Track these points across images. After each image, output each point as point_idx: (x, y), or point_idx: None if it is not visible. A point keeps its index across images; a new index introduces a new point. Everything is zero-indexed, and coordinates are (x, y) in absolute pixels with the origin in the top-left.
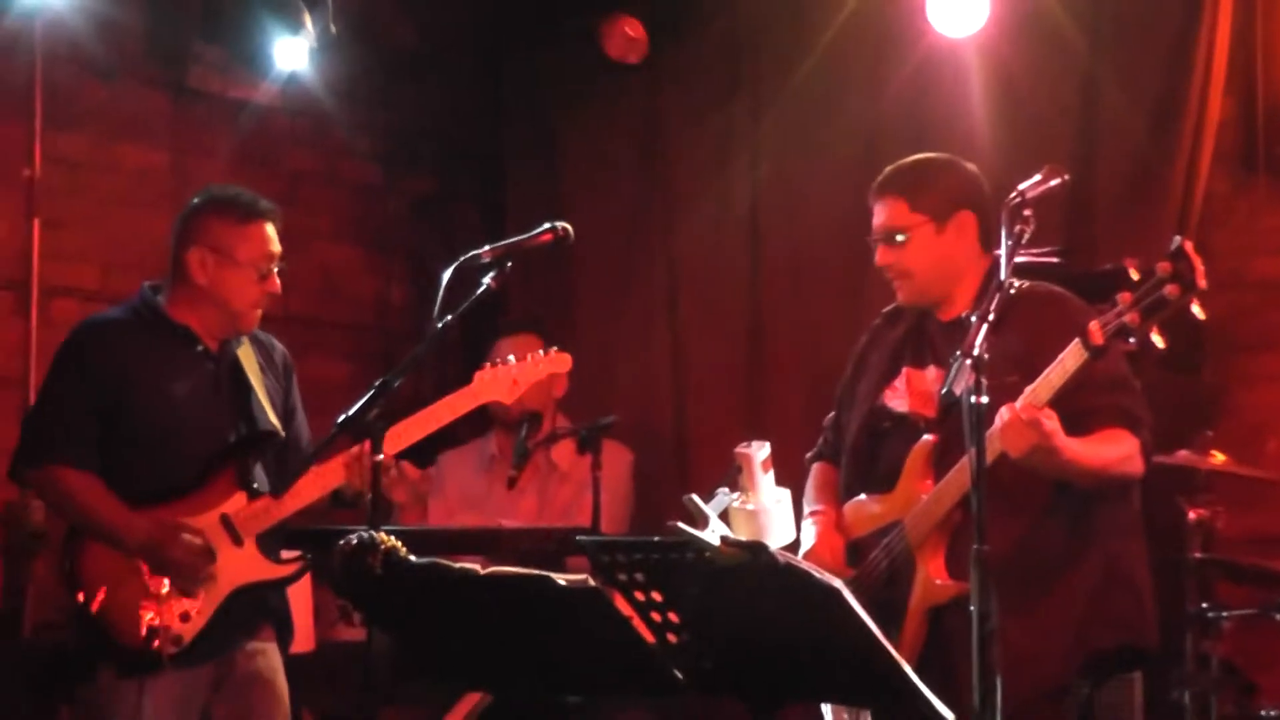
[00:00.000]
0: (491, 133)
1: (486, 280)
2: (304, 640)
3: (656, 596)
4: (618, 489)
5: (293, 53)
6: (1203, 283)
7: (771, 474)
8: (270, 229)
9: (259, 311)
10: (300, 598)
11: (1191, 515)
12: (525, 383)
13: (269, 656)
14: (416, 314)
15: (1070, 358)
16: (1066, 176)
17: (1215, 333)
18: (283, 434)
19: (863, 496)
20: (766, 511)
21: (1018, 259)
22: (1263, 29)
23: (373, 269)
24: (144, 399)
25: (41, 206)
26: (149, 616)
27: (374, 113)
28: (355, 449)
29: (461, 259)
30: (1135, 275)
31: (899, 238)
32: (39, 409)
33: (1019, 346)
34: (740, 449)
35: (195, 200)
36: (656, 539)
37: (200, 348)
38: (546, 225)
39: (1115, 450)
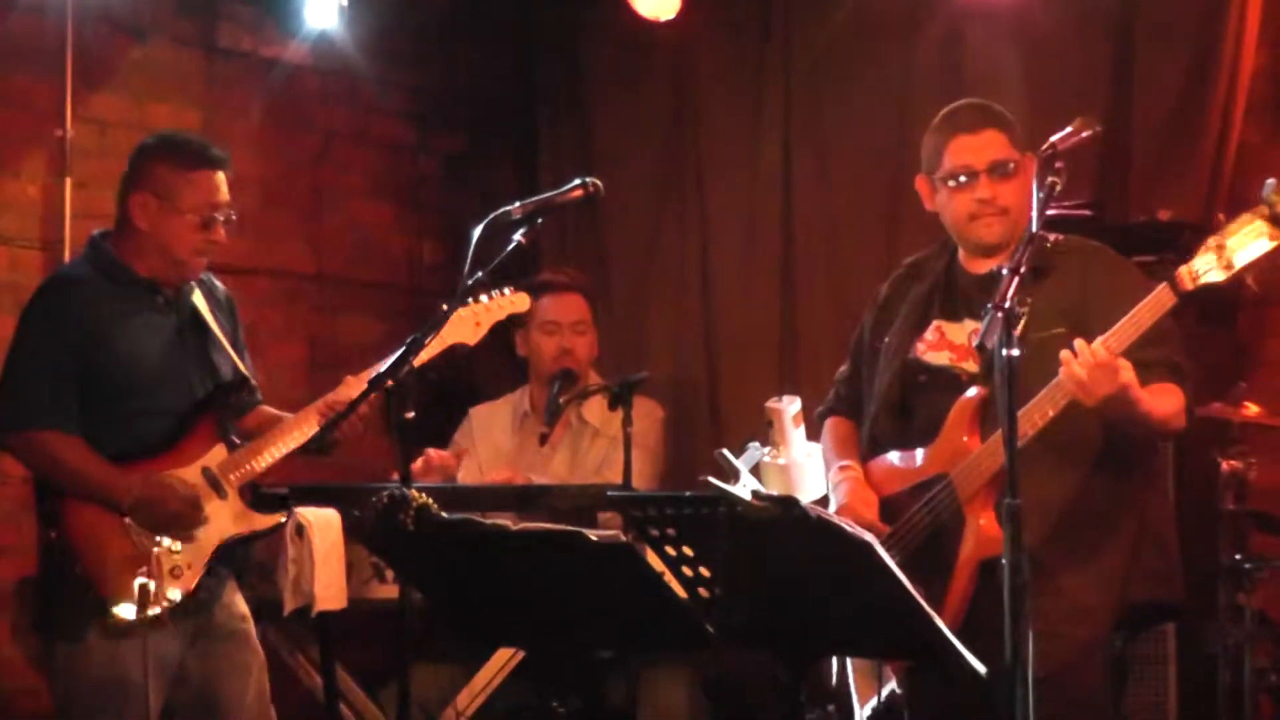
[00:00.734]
0: (523, 90)
1: (517, 236)
2: (337, 598)
3: (688, 551)
4: (649, 445)
5: (323, 10)
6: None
7: (803, 429)
8: (218, 177)
9: (203, 260)
10: (333, 555)
11: (1225, 466)
12: (487, 323)
13: (239, 607)
14: (449, 272)
15: (1155, 304)
16: (1099, 128)
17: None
18: (253, 381)
19: (892, 454)
20: (798, 466)
21: (1049, 212)
22: None
23: (405, 227)
24: (115, 356)
25: (74, 166)
26: (141, 574)
27: (405, 71)
28: (328, 396)
29: (492, 215)
30: (1224, 220)
31: (1011, 167)
32: (14, 372)
33: (1067, 298)
34: (771, 403)
35: (144, 144)
36: (688, 494)
37: (161, 299)
38: (577, 181)
39: (1170, 405)
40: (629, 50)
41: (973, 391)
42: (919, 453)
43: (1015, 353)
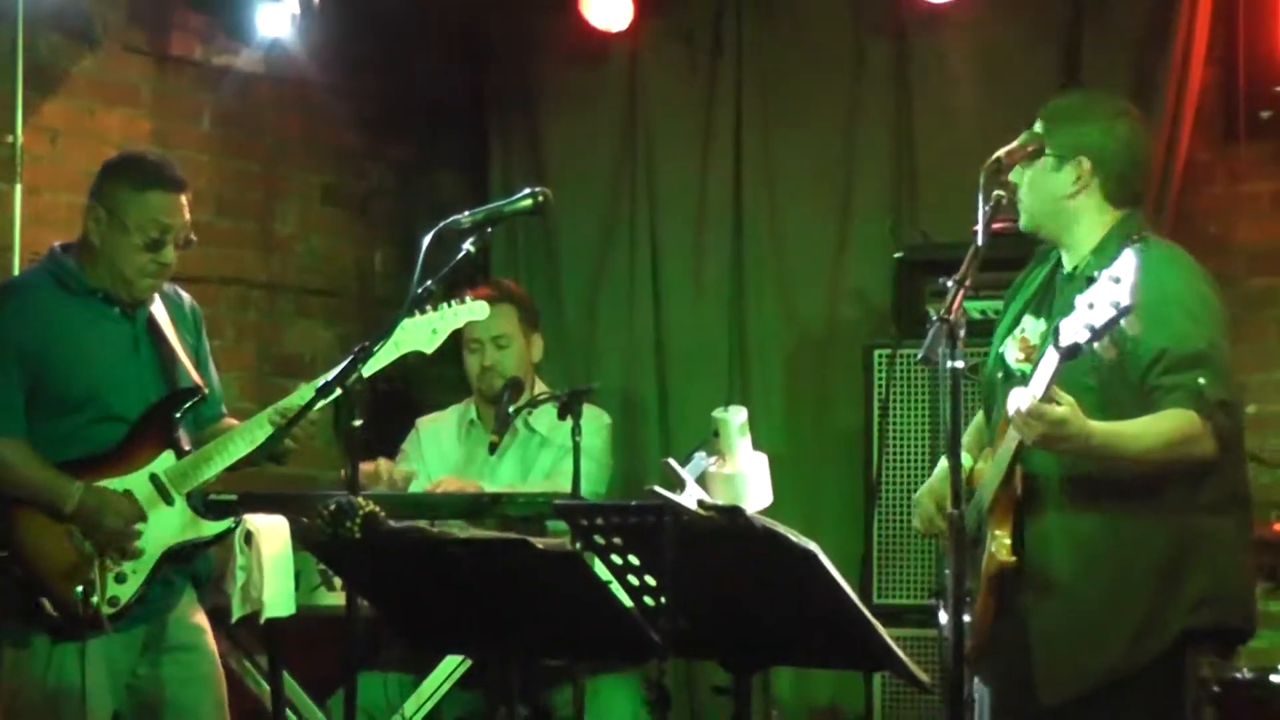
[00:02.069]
0: (475, 100)
1: (467, 245)
2: (285, 605)
3: (634, 560)
4: (596, 453)
5: (275, 19)
6: (1130, 299)
7: (749, 438)
8: (171, 199)
9: (150, 281)
10: (281, 562)
11: None
12: (444, 331)
13: (197, 618)
14: (399, 281)
15: (1050, 352)
16: (1045, 143)
17: None
18: (205, 390)
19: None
20: (743, 475)
21: (996, 225)
22: None
23: (356, 236)
24: (67, 364)
25: (24, 173)
26: (85, 579)
27: (357, 79)
28: (279, 404)
29: (441, 224)
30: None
31: (1030, 150)
32: None
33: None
34: (717, 413)
35: (109, 160)
36: (634, 503)
37: (116, 309)
38: (526, 191)
39: (1170, 433)
40: (581, 60)
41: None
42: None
43: (960, 364)
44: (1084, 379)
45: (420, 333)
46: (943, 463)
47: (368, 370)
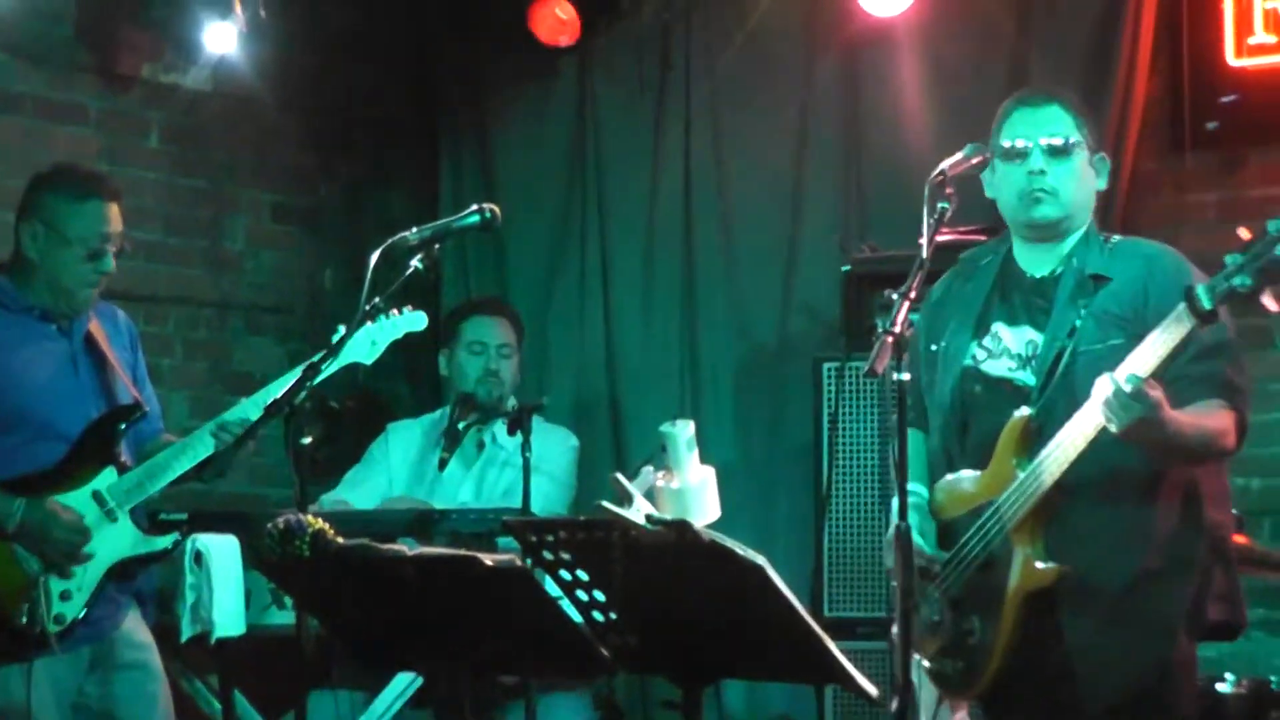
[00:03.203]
0: (424, 116)
1: (415, 262)
2: (235, 624)
3: (582, 575)
4: (559, 475)
5: (223, 37)
6: None
7: (696, 452)
8: (109, 208)
9: (92, 291)
10: (231, 581)
11: None
12: (383, 342)
13: (141, 635)
14: (349, 298)
15: (1175, 324)
16: (990, 154)
17: None
18: (145, 407)
19: (958, 474)
20: (691, 489)
21: (942, 237)
22: (1189, 8)
23: (306, 253)
24: (4, 383)
25: None
26: (29, 599)
27: (306, 97)
28: (221, 418)
29: (390, 241)
30: (1246, 235)
31: (1071, 144)
32: None
33: (1125, 305)
34: (665, 427)
35: (37, 174)
36: (582, 518)
37: (53, 327)
38: (474, 207)
39: (1215, 424)
40: (530, 76)
41: (1021, 412)
42: (976, 475)
43: (906, 377)
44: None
45: (360, 344)
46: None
47: (296, 372)
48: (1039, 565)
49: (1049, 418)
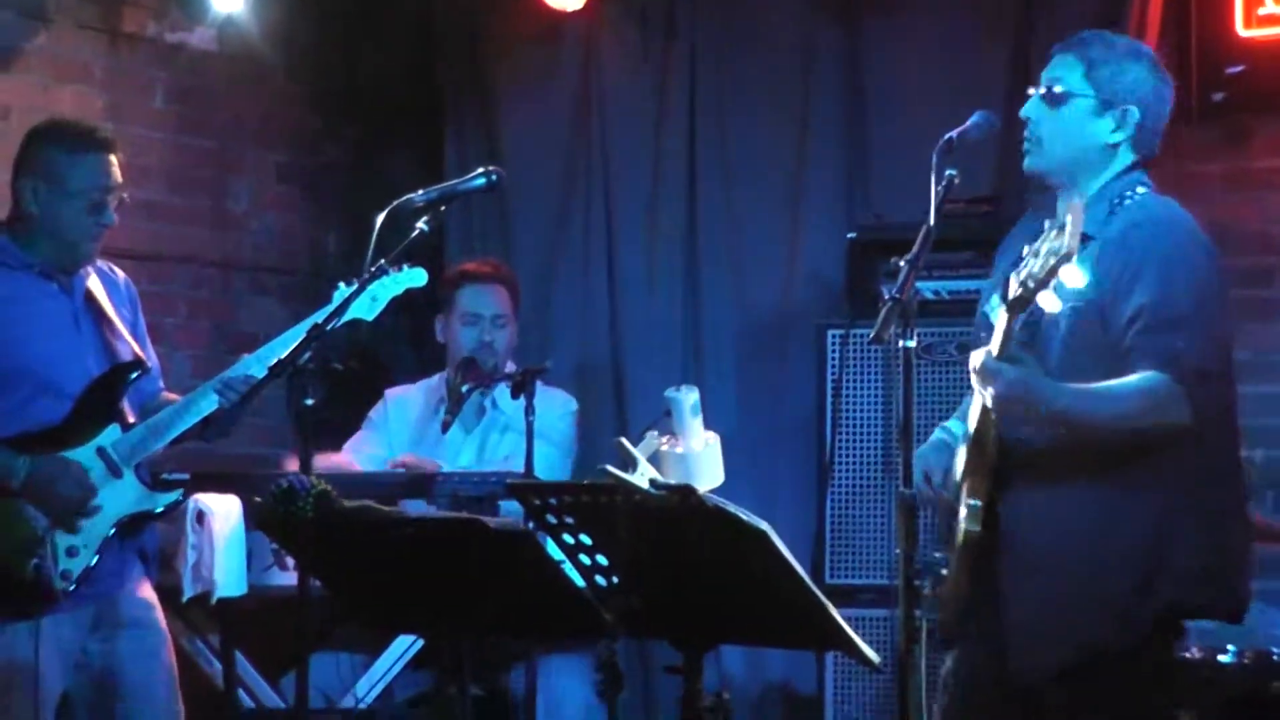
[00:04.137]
0: (429, 79)
1: (420, 224)
2: (236, 585)
3: (586, 539)
4: (560, 439)
5: None
6: (1070, 244)
7: (701, 417)
8: (108, 159)
9: (95, 244)
10: (233, 542)
11: None
12: (384, 298)
13: (145, 593)
14: (353, 260)
15: (993, 310)
16: (997, 123)
17: None
18: (148, 365)
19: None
20: (695, 455)
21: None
22: None
23: (309, 215)
24: (6, 340)
25: None
26: (37, 555)
27: (311, 58)
28: (224, 375)
29: (395, 203)
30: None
31: (1058, 92)
32: None
33: (1096, 269)
34: (670, 392)
35: (33, 129)
36: (586, 482)
37: (54, 284)
38: (480, 170)
39: (1140, 395)
40: (535, 41)
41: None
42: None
43: (912, 344)
44: (1054, 339)
45: (361, 301)
46: (935, 433)
47: (303, 329)
48: (964, 520)
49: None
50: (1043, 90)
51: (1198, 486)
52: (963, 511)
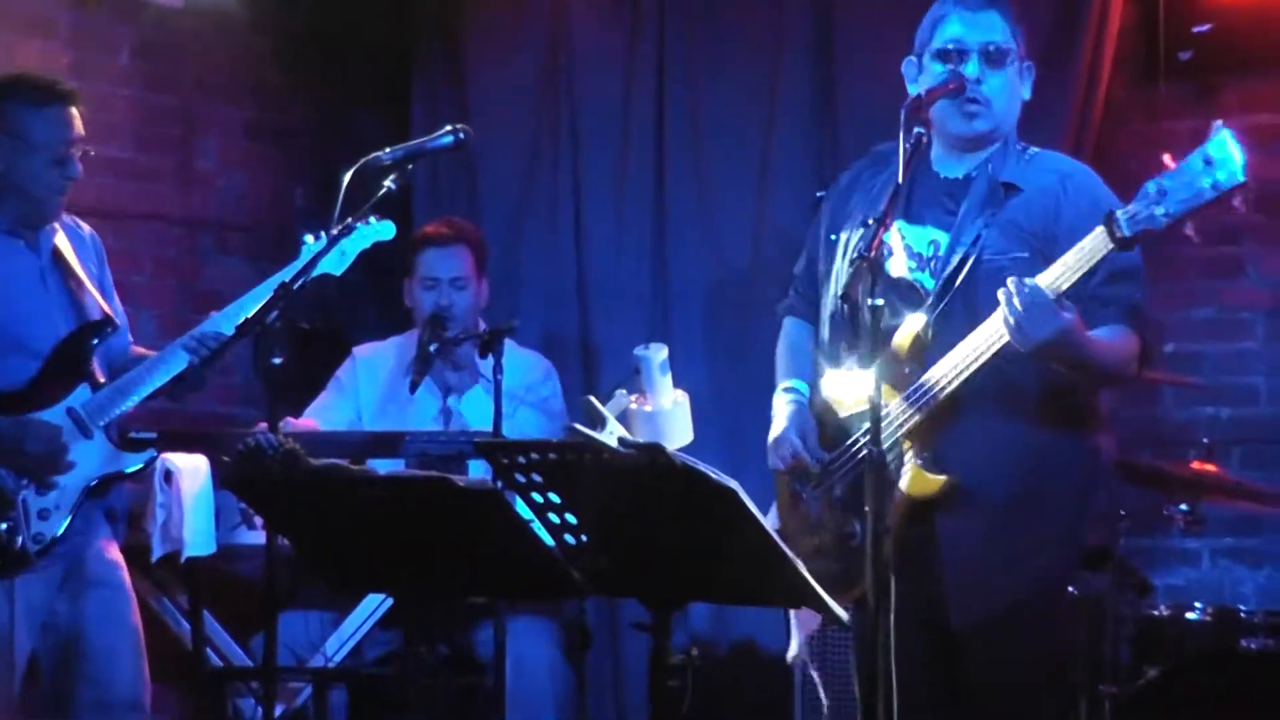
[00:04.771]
0: (397, 36)
1: (388, 182)
2: (205, 544)
3: (554, 498)
4: (556, 409)
5: None
6: (1243, 175)
7: (670, 376)
8: (70, 112)
9: (60, 197)
10: (201, 501)
11: None
12: (352, 252)
13: (113, 554)
14: (320, 218)
15: (1093, 246)
16: (964, 80)
17: None
18: (116, 322)
19: (845, 371)
20: (664, 413)
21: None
22: None
23: (277, 172)
24: None
25: None
26: (9, 516)
27: (278, 15)
28: (194, 331)
29: (362, 161)
30: (1170, 164)
31: (1006, 54)
32: None
33: (1038, 220)
34: (639, 351)
35: None
36: (554, 440)
37: (21, 242)
38: (448, 128)
39: (1122, 351)
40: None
41: (918, 318)
42: (867, 374)
43: (880, 303)
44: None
45: (330, 255)
46: (786, 398)
47: (272, 286)
48: (928, 475)
49: (945, 324)
50: (984, 49)
51: (1104, 429)
52: (913, 466)
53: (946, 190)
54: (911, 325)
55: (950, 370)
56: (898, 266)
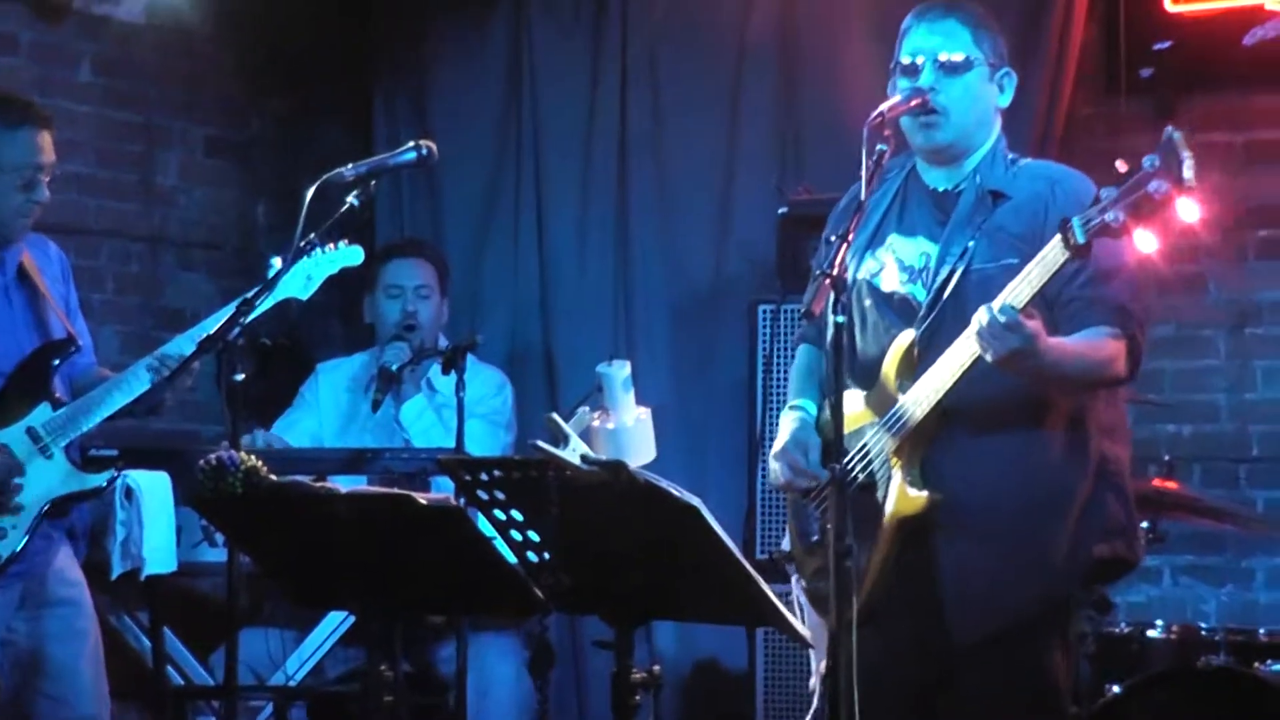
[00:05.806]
0: (358, 50)
1: (350, 199)
2: (166, 561)
3: (517, 515)
4: (506, 421)
5: None
6: (1191, 178)
7: (633, 393)
8: (40, 136)
9: (27, 220)
10: (162, 518)
11: None
12: (319, 277)
13: (73, 572)
14: (283, 234)
15: (1051, 255)
16: (927, 96)
17: None
18: (79, 341)
19: (849, 389)
20: (627, 430)
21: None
22: None
23: (239, 188)
24: None
25: None
26: None
27: (240, 30)
28: (157, 352)
29: (325, 177)
30: (1123, 168)
31: (962, 63)
32: None
33: (1028, 225)
34: (601, 368)
35: None
36: (517, 458)
37: None
38: (411, 144)
39: (1101, 353)
40: (467, 13)
41: (906, 334)
42: (862, 394)
43: (843, 320)
44: (991, 295)
45: (296, 279)
46: (791, 415)
47: (249, 317)
48: (911, 491)
49: (937, 337)
50: (939, 60)
51: (1109, 439)
52: (905, 485)
53: (937, 203)
54: (900, 344)
55: (928, 387)
56: (890, 281)
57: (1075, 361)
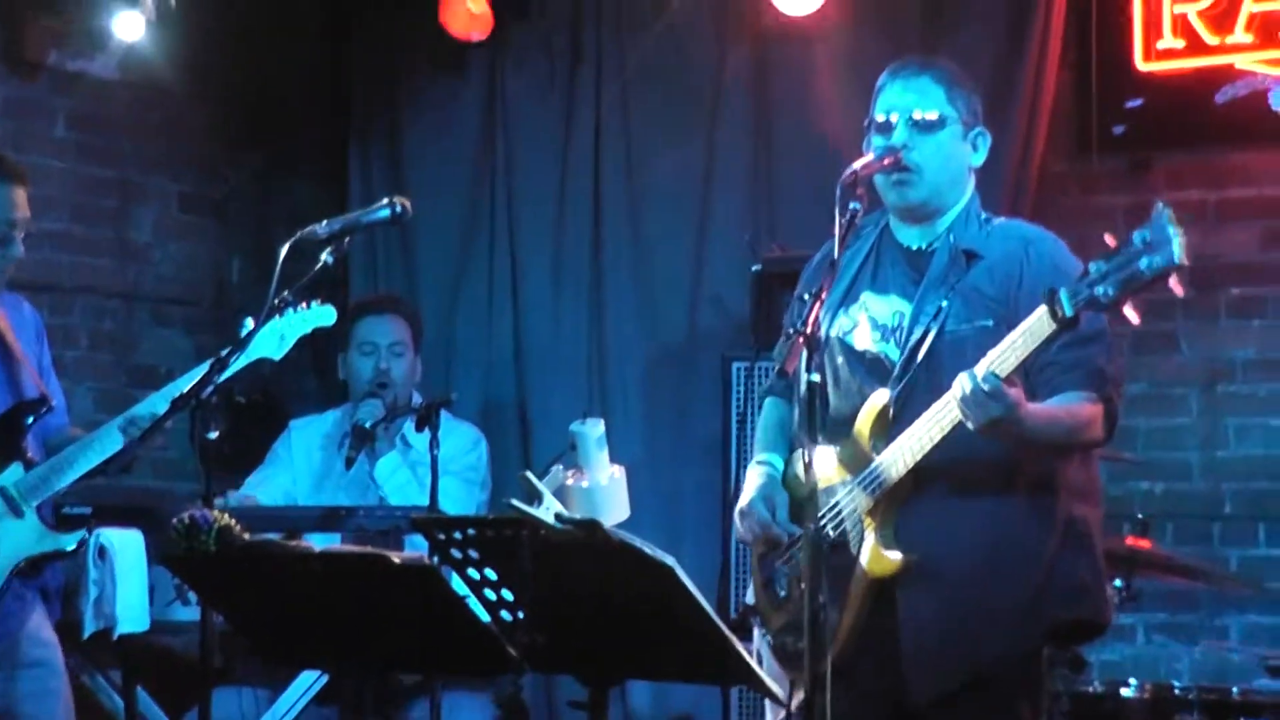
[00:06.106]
0: (335, 107)
1: (324, 255)
2: (138, 620)
3: (491, 574)
4: (480, 478)
5: (131, 25)
6: (1185, 258)
7: (606, 451)
8: (17, 192)
9: (1, 277)
10: (135, 576)
11: None
12: (292, 337)
13: (45, 633)
14: (257, 290)
15: (1036, 326)
16: (900, 155)
17: None
18: (52, 401)
19: (820, 446)
20: (601, 488)
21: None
22: (1098, 11)
23: (213, 244)
24: None
25: None
26: None
27: (214, 87)
28: (129, 412)
29: (299, 234)
30: (1112, 242)
31: (936, 120)
32: None
33: (1002, 287)
34: (575, 426)
35: None
36: (490, 516)
37: None
38: (385, 201)
39: (1078, 417)
40: (441, 69)
41: (880, 395)
42: (833, 451)
43: (815, 378)
44: (965, 358)
45: (269, 339)
46: (758, 470)
47: (222, 377)
48: (885, 553)
49: (910, 398)
50: (912, 118)
51: (1084, 499)
52: (877, 545)
53: (911, 262)
54: (874, 403)
55: (907, 450)
56: (863, 339)
57: (1054, 427)
